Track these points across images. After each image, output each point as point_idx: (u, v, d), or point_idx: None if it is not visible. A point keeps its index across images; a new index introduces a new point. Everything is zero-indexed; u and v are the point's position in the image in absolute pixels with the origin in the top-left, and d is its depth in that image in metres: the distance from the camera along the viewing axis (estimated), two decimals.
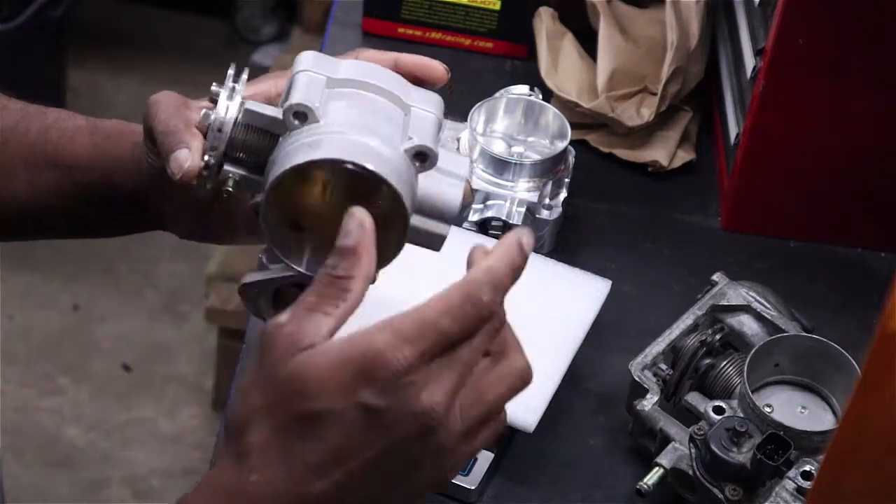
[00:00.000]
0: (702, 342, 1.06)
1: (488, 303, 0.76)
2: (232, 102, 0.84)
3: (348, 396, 0.74)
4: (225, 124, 0.84)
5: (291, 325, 0.76)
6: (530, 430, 1.03)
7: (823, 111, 1.20)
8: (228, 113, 0.84)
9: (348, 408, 0.74)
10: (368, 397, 0.74)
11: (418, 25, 1.43)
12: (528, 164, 1.19)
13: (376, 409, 0.74)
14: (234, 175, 0.85)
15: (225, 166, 0.85)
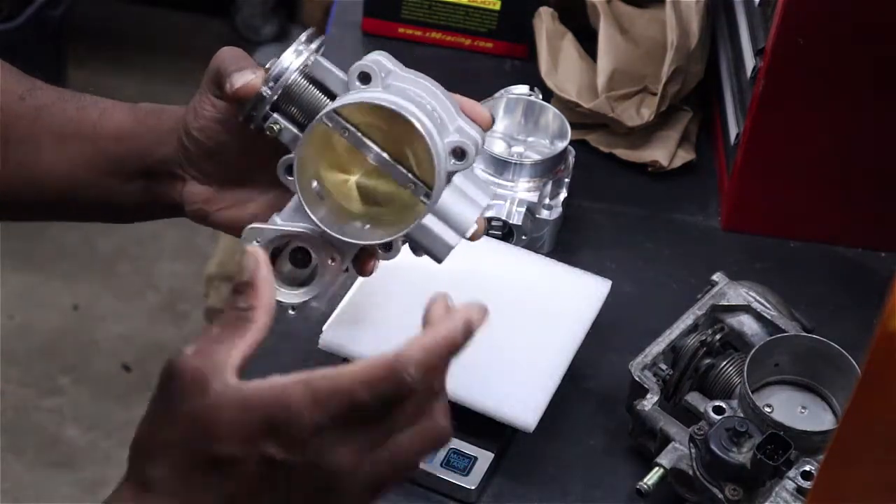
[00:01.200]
0: (702, 342, 1.06)
1: (411, 383, 0.74)
2: (297, 58, 0.89)
3: (253, 445, 0.74)
4: (285, 74, 0.89)
5: (198, 358, 0.76)
6: (530, 430, 1.03)
7: (823, 111, 1.20)
8: (292, 64, 0.89)
9: (251, 456, 0.74)
10: (273, 449, 0.74)
11: (418, 25, 1.43)
12: (528, 164, 1.19)
13: (280, 462, 0.74)
14: (281, 124, 0.89)
15: (274, 115, 0.89)
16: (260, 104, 0.89)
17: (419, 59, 1.41)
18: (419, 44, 1.43)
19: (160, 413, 0.78)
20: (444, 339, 0.76)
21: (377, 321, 1.08)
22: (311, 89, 0.89)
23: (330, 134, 0.86)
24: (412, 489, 1.05)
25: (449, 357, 0.77)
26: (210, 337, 0.78)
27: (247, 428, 0.74)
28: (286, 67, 0.89)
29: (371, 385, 0.74)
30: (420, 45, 1.43)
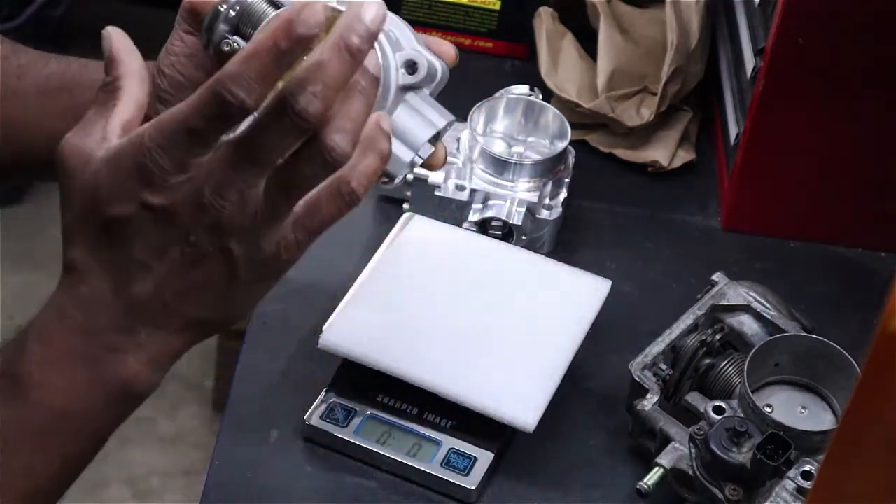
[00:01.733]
0: (702, 342, 1.06)
1: (236, 97, 0.75)
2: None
3: (134, 198, 0.78)
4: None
5: (76, 136, 0.80)
6: (530, 431, 1.03)
7: (823, 111, 1.20)
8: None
9: (137, 209, 0.78)
10: (150, 196, 0.78)
11: (418, 25, 1.43)
12: (528, 164, 1.19)
13: (165, 209, 0.78)
14: (238, 44, 0.86)
15: (233, 37, 0.87)
16: (215, 23, 0.87)
17: None
18: None
19: (63, 199, 0.81)
20: (262, 44, 0.76)
21: (377, 321, 1.08)
22: (270, 11, 0.87)
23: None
24: (412, 489, 1.05)
25: (275, 58, 0.76)
26: (86, 119, 0.81)
27: (123, 183, 0.78)
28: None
29: (198, 108, 0.76)
30: None
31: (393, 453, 1.05)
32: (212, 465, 1.06)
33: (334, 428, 1.06)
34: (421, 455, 1.05)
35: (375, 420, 1.07)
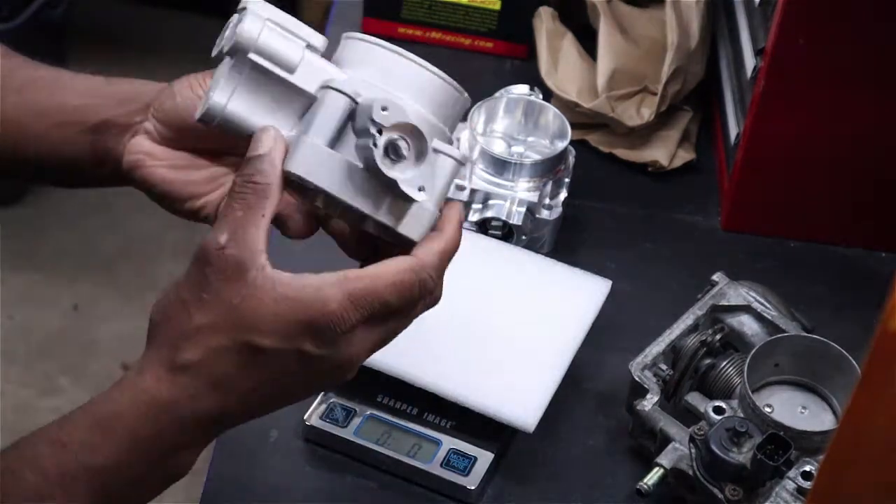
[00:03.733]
0: (702, 342, 1.06)
1: (431, 286, 0.85)
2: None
3: (293, 341, 0.81)
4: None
5: (232, 245, 0.81)
6: (530, 431, 1.03)
7: (823, 111, 1.20)
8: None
9: (289, 350, 0.82)
10: (309, 346, 0.82)
11: (418, 25, 1.43)
12: (528, 164, 1.19)
13: (313, 356, 0.82)
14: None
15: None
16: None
17: None
18: (419, 44, 1.43)
19: (194, 298, 0.82)
20: (454, 242, 0.86)
21: None
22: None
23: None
24: (412, 489, 1.05)
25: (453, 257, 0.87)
26: (237, 220, 0.82)
27: (287, 326, 0.81)
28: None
29: (400, 290, 0.83)
30: (420, 45, 1.43)
31: (393, 453, 1.05)
32: (212, 465, 1.06)
33: (334, 428, 1.06)
34: (421, 455, 1.05)
35: (375, 420, 1.07)
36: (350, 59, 0.86)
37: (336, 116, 0.84)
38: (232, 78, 0.85)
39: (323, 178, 0.83)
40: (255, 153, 0.84)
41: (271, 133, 0.84)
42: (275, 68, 0.84)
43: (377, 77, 0.85)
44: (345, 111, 0.84)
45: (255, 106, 0.85)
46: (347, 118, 0.84)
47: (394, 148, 0.82)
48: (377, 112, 0.81)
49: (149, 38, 2.86)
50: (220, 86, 0.85)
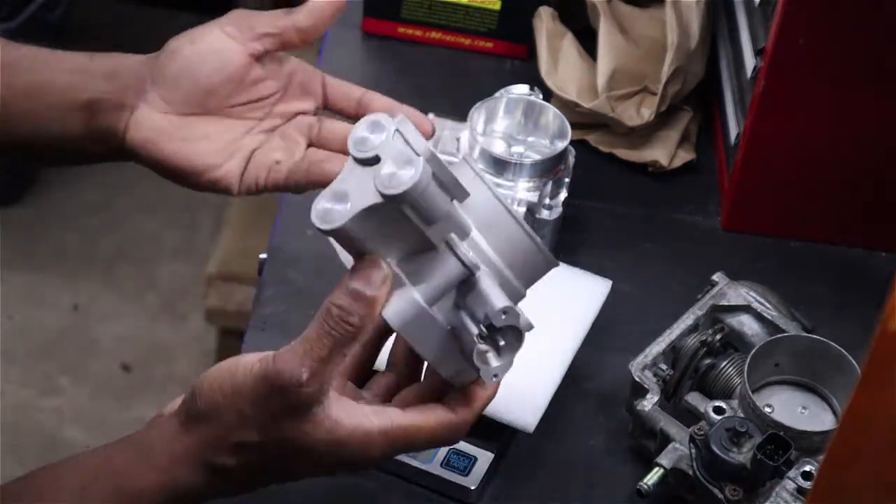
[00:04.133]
0: (702, 342, 1.06)
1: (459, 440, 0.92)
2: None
3: (329, 470, 0.89)
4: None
5: (311, 385, 0.81)
6: (530, 431, 1.03)
7: (823, 111, 1.20)
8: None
9: (319, 473, 0.89)
10: (340, 472, 0.92)
11: (418, 25, 1.43)
12: (528, 164, 1.19)
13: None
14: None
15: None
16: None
17: (419, 59, 1.42)
18: (419, 44, 1.43)
19: (254, 415, 0.83)
20: (488, 403, 0.90)
21: None
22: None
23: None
24: (412, 489, 1.05)
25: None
26: (322, 359, 0.81)
27: (330, 463, 0.86)
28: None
29: (434, 441, 0.88)
30: (420, 45, 1.43)
31: None
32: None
33: None
34: (421, 455, 1.05)
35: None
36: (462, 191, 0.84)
37: (448, 281, 0.83)
38: (370, 214, 0.81)
39: (413, 335, 0.84)
40: (361, 291, 0.81)
41: (383, 274, 0.82)
42: (417, 220, 0.81)
43: (483, 230, 0.85)
44: (458, 278, 0.83)
45: (375, 233, 0.82)
46: (457, 283, 0.84)
47: (493, 344, 0.84)
48: (497, 317, 0.82)
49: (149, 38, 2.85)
50: (357, 217, 0.81)
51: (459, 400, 0.88)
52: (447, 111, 1.25)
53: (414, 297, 0.83)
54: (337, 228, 0.80)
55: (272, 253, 1.21)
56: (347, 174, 0.82)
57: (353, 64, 1.42)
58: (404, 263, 0.83)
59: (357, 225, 0.80)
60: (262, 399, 0.82)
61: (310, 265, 1.20)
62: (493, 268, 0.85)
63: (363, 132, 0.83)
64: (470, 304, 0.83)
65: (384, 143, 0.81)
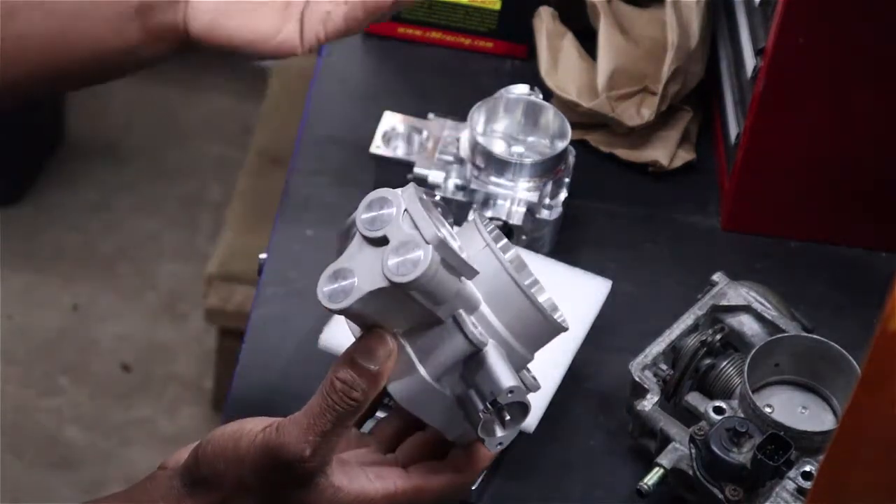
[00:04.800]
0: (702, 342, 1.06)
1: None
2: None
3: None
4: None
5: (314, 460, 0.81)
6: (530, 431, 1.03)
7: (823, 111, 1.20)
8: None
9: None
10: None
11: (418, 25, 1.43)
12: (528, 164, 1.19)
13: None
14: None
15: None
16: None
17: (419, 59, 1.42)
18: (419, 44, 1.43)
19: (256, 487, 0.83)
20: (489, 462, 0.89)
21: None
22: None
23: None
24: None
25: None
26: (325, 433, 0.81)
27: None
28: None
29: (437, 499, 0.86)
30: (420, 45, 1.43)
31: None
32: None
33: None
34: None
35: (375, 420, 1.06)
36: (469, 255, 0.84)
37: (454, 357, 0.83)
38: (377, 295, 0.80)
39: (418, 409, 0.84)
40: (365, 366, 0.81)
41: (388, 349, 0.82)
42: (426, 302, 0.81)
43: (492, 301, 0.85)
44: (465, 354, 0.83)
45: (382, 310, 0.82)
46: (464, 359, 0.84)
47: (500, 417, 0.84)
48: (503, 396, 0.82)
49: None
50: (362, 299, 0.81)
51: (462, 459, 0.87)
52: (447, 111, 1.26)
53: (420, 373, 0.83)
54: (344, 308, 0.81)
55: (272, 253, 1.21)
56: (355, 251, 0.82)
57: (353, 64, 1.42)
58: (411, 335, 0.84)
59: (364, 305, 0.81)
60: (265, 470, 0.82)
61: (310, 265, 1.20)
62: (500, 339, 0.85)
63: (372, 211, 0.82)
64: (476, 379, 0.84)
65: (393, 224, 0.81)
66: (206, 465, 0.84)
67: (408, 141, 1.24)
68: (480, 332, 0.83)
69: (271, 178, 2.05)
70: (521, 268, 0.88)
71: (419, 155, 1.22)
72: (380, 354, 0.81)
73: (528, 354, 0.87)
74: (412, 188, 0.83)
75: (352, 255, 0.82)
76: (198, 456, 0.84)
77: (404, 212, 0.82)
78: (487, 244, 0.85)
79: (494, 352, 0.84)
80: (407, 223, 0.81)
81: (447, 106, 1.28)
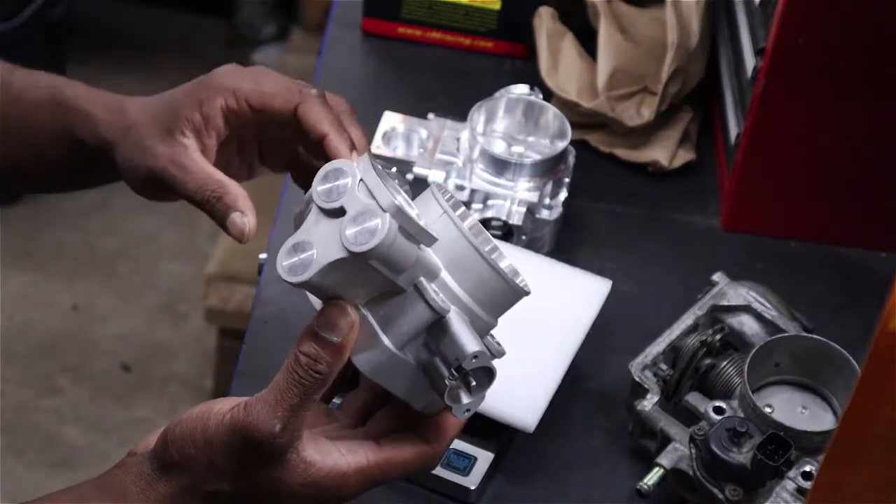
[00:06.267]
0: (702, 342, 1.06)
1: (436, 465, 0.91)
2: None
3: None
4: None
5: (283, 435, 0.81)
6: (530, 431, 1.03)
7: (823, 111, 1.20)
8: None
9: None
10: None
11: (418, 25, 1.43)
12: (528, 164, 1.19)
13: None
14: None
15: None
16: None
17: (419, 59, 1.42)
18: (419, 44, 1.43)
19: (227, 468, 0.83)
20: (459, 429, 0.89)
21: None
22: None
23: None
24: (412, 489, 1.05)
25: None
26: (293, 407, 0.81)
27: (306, 503, 0.84)
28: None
29: (409, 471, 0.87)
30: (420, 45, 1.43)
31: None
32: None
33: None
34: None
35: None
36: (427, 223, 0.83)
37: (418, 325, 0.83)
38: (337, 266, 0.80)
39: (384, 379, 0.85)
40: (328, 338, 0.82)
41: (349, 320, 0.82)
42: (385, 271, 0.81)
43: (452, 268, 0.84)
44: (428, 322, 0.83)
45: (342, 281, 0.82)
46: (427, 327, 0.84)
47: (465, 383, 0.84)
48: (468, 362, 0.82)
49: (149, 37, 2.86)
50: (321, 270, 0.80)
51: (432, 430, 0.87)
52: (447, 111, 1.26)
53: (384, 343, 0.83)
54: (304, 281, 0.81)
55: (272, 253, 1.21)
56: (312, 223, 0.82)
57: (353, 64, 1.42)
58: (373, 305, 0.84)
59: (323, 277, 0.81)
60: (235, 451, 0.82)
61: None
62: (462, 306, 0.84)
63: (328, 183, 0.82)
64: (440, 346, 0.83)
65: (349, 195, 0.81)
66: (175, 448, 0.84)
67: (408, 141, 1.24)
68: (442, 298, 0.83)
69: (271, 178, 2.05)
70: (479, 233, 0.87)
71: (419, 155, 1.23)
72: (342, 326, 0.82)
73: (492, 320, 0.87)
74: (366, 158, 0.83)
75: (309, 228, 0.82)
76: (167, 440, 0.84)
77: (360, 182, 0.81)
78: (445, 211, 0.84)
79: (457, 318, 0.83)
80: (363, 193, 0.81)
81: (447, 106, 1.28)
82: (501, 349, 0.88)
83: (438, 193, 0.85)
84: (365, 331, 0.83)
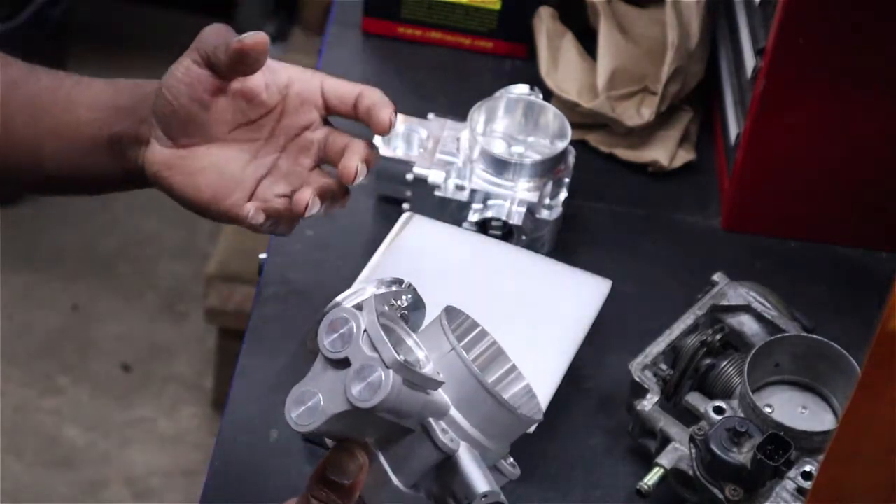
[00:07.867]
0: (702, 342, 1.06)
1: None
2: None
3: None
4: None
5: None
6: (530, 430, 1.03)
7: (823, 111, 1.20)
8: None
9: None
10: None
11: (418, 25, 1.43)
12: (528, 164, 1.19)
13: None
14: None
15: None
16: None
17: (419, 59, 1.42)
18: (419, 44, 1.43)
19: None
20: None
21: None
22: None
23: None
24: None
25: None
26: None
27: None
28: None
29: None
30: (420, 45, 1.43)
31: None
32: (211, 465, 1.06)
33: None
34: None
35: None
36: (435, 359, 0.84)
37: (427, 464, 0.84)
38: (343, 416, 0.80)
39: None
40: (337, 481, 0.82)
41: (358, 462, 0.83)
42: (392, 418, 0.81)
43: (462, 405, 0.84)
44: (437, 461, 0.83)
45: (350, 427, 0.82)
46: (436, 464, 0.84)
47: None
48: (478, 501, 0.82)
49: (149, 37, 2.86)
50: (328, 420, 0.80)
51: None
52: (447, 111, 1.26)
53: (394, 483, 0.84)
54: (311, 431, 0.81)
55: (272, 253, 1.21)
56: (319, 371, 0.82)
57: (353, 64, 1.42)
58: (383, 444, 0.84)
59: (331, 426, 0.81)
60: None
61: (310, 265, 1.20)
62: (472, 441, 0.84)
63: (333, 333, 0.82)
64: (451, 484, 0.84)
65: (353, 346, 0.81)
66: None
67: (408, 141, 1.24)
68: (451, 437, 0.83)
69: None
70: (495, 357, 0.87)
71: (419, 155, 1.23)
72: (351, 469, 0.82)
73: (503, 449, 0.87)
74: (371, 302, 0.82)
75: (316, 376, 0.82)
76: None
77: (364, 332, 0.81)
78: (454, 348, 0.84)
79: (467, 455, 0.83)
80: (367, 344, 0.81)
81: (447, 106, 1.28)
82: (515, 471, 0.88)
83: (448, 327, 0.85)
84: (376, 469, 0.84)
